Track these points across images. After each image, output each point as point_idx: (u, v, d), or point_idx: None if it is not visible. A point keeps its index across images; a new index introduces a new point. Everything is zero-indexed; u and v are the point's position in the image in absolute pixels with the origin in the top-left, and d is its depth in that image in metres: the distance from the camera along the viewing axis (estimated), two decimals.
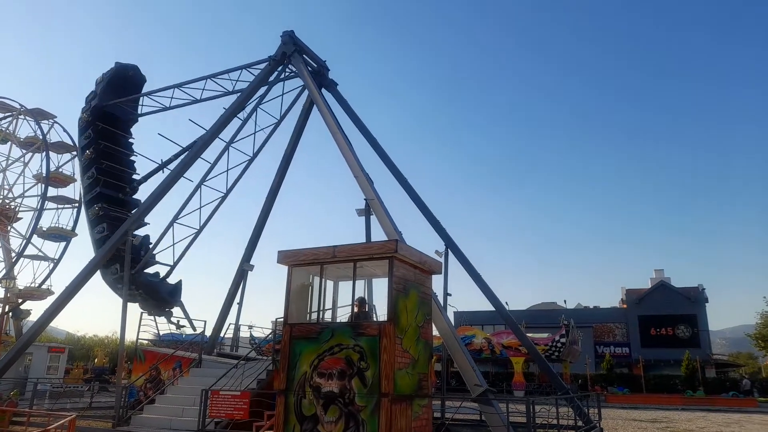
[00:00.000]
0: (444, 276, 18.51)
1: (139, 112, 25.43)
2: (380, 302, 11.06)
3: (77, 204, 36.34)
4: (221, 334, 23.52)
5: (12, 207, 38.18)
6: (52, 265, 37.11)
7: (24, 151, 38.22)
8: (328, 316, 11.32)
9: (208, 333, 22.62)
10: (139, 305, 22.12)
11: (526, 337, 20.35)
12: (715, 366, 55.66)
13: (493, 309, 18.26)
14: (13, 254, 36.90)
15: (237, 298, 23.11)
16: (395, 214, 16.11)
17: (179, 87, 23.45)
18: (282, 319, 10.65)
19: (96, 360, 52.11)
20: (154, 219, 20.36)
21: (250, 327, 29.04)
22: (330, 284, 11.71)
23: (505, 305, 19.89)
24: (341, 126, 19.18)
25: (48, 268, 37.04)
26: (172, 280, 22.59)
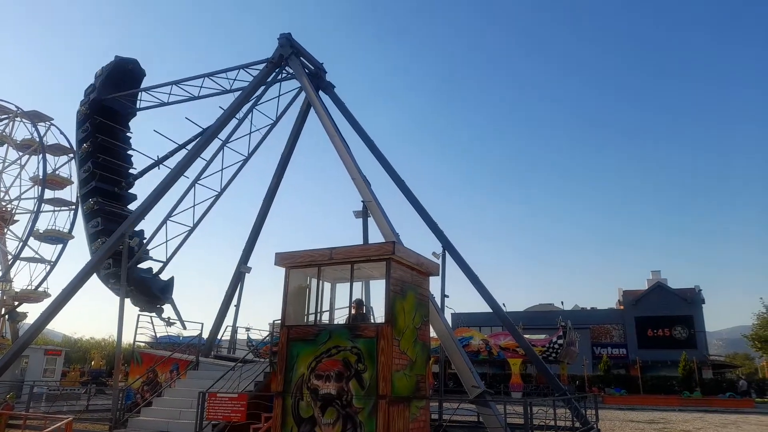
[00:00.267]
0: (441, 278, 18.53)
1: (138, 107, 25.42)
2: (378, 304, 11.07)
3: (74, 206, 36.32)
4: (218, 336, 23.49)
5: (8, 209, 38.12)
6: (48, 268, 37.10)
7: (21, 154, 38.20)
8: (325, 318, 11.33)
9: (205, 335, 22.59)
10: (131, 301, 22.06)
11: (523, 338, 20.41)
12: (711, 367, 55.78)
13: (491, 310, 18.30)
14: (9, 257, 36.83)
15: (234, 300, 23.08)
16: (392, 216, 16.13)
17: (177, 84, 23.51)
18: (279, 321, 10.65)
19: (93, 362, 52.03)
20: (148, 215, 20.38)
21: (248, 329, 29.03)
22: (327, 286, 11.73)
23: (502, 307, 19.92)
24: (338, 128, 19.20)
25: (44, 271, 37.08)
26: (164, 277, 22.60)
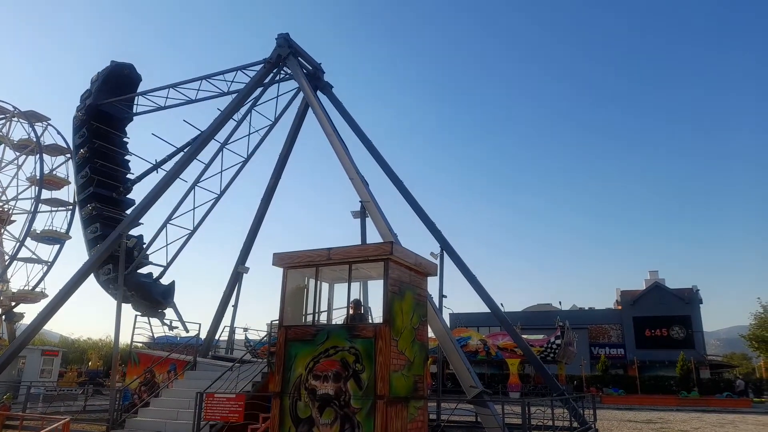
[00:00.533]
0: (439, 278, 18.54)
1: (135, 111, 25.34)
2: (376, 304, 11.06)
3: (71, 206, 36.20)
4: (216, 336, 23.45)
5: (5, 210, 37.98)
6: (45, 268, 36.98)
7: (17, 154, 38.07)
8: (323, 318, 11.32)
9: (203, 336, 22.56)
10: (132, 306, 22.02)
11: (521, 338, 20.38)
12: (709, 367, 55.82)
13: (489, 311, 18.29)
14: (6, 257, 36.71)
15: (232, 301, 23.06)
16: (390, 217, 16.09)
17: (174, 87, 23.38)
18: (277, 322, 10.63)
19: (90, 363, 51.91)
20: (147, 219, 20.30)
21: (245, 329, 28.96)
22: (325, 286, 11.71)
23: (500, 307, 19.92)
24: (336, 128, 19.18)
25: (42, 271, 36.95)
26: (165, 281, 22.54)
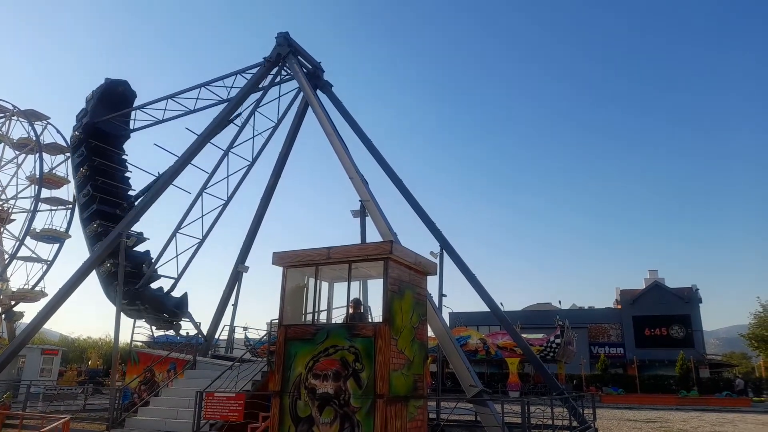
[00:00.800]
0: (439, 277, 18.56)
1: (132, 128, 25.03)
2: (375, 303, 11.07)
3: (71, 205, 36.18)
4: (216, 335, 23.46)
5: (5, 208, 37.96)
6: (45, 267, 36.96)
7: (17, 153, 38.04)
8: (323, 317, 11.32)
9: (204, 329, 22.62)
10: (146, 320, 22.11)
11: (521, 337, 20.38)
12: (709, 366, 55.85)
13: (488, 310, 18.30)
14: (6, 256, 36.70)
15: (232, 300, 23.07)
16: (390, 216, 16.08)
17: (172, 98, 23.04)
18: (277, 321, 10.63)
19: (90, 362, 51.88)
20: (155, 232, 20.34)
21: (245, 328, 28.97)
22: (325, 285, 11.71)
23: (500, 306, 19.92)
24: (336, 127, 19.17)
25: (41, 270, 36.93)
26: (167, 287, 22.58)
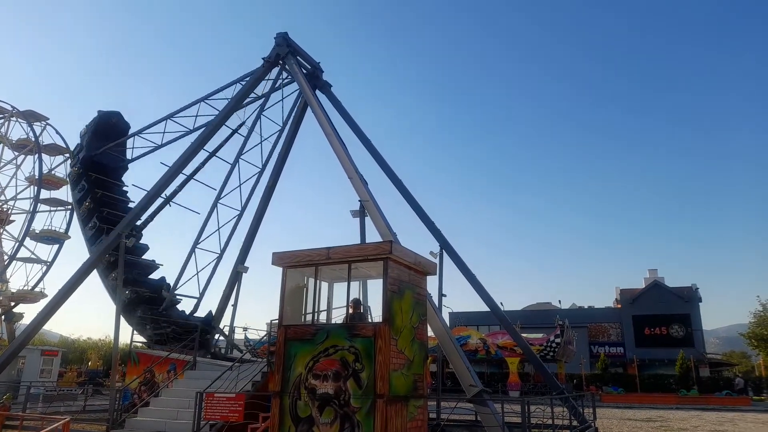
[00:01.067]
0: (439, 277, 18.53)
1: (130, 158, 24.89)
2: (375, 303, 11.05)
3: (70, 206, 36.15)
4: (216, 336, 23.46)
5: (4, 209, 37.95)
6: (45, 268, 36.97)
7: (16, 154, 38.04)
8: (323, 317, 11.32)
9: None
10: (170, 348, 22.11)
11: (521, 337, 20.38)
12: (708, 365, 55.92)
13: (488, 309, 18.27)
14: (5, 257, 36.70)
15: (231, 300, 23.06)
16: (390, 216, 16.08)
17: (171, 118, 22.73)
18: (277, 321, 10.63)
19: (90, 363, 51.86)
20: (173, 254, 20.53)
21: (245, 329, 29.00)
22: (325, 286, 11.70)
23: (500, 306, 19.91)
24: (335, 127, 19.15)
25: (41, 271, 36.94)
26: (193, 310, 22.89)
